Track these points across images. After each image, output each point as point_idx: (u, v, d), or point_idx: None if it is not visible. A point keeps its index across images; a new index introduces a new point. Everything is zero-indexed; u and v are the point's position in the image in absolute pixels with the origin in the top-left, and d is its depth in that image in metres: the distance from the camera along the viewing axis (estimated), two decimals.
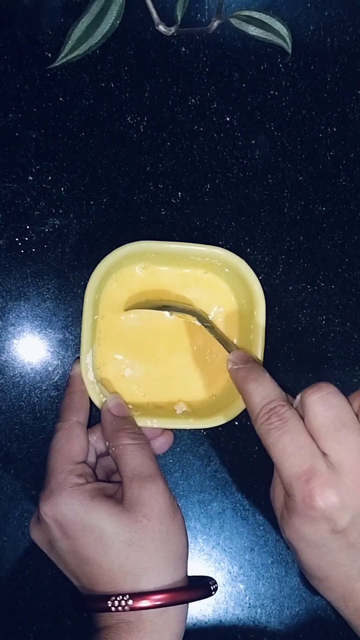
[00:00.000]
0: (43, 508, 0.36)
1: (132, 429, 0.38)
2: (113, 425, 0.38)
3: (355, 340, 0.46)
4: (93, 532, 0.35)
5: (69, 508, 0.35)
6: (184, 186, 0.45)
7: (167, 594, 0.35)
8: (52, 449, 0.38)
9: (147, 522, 0.35)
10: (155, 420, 0.40)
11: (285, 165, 0.45)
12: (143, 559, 0.35)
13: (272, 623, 0.45)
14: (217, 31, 0.43)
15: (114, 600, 0.34)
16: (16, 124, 0.44)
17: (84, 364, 0.40)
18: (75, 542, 0.35)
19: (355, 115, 0.46)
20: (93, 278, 0.40)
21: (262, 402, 0.35)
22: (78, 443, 0.38)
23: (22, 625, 0.44)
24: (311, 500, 0.32)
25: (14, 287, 0.44)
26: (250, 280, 0.41)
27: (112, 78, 0.44)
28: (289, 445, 0.33)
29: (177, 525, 0.37)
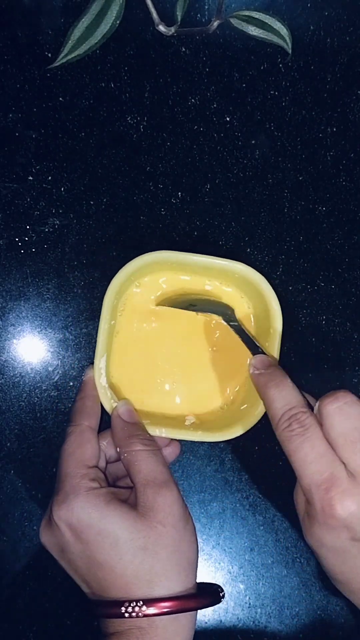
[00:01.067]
0: (57, 512, 0.36)
1: (144, 435, 0.38)
2: (125, 431, 0.38)
3: (355, 340, 0.46)
4: (108, 537, 0.35)
5: (84, 512, 0.35)
6: (184, 186, 0.45)
7: (180, 600, 0.35)
8: (65, 453, 0.38)
9: (162, 528, 0.35)
10: (164, 429, 0.40)
11: (285, 165, 0.45)
12: (157, 565, 0.35)
13: (272, 623, 0.45)
14: (217, 31, 0.43)
15: (128, 606, 0.34)
16: (16, 124, 0.44)
17: (97, 368, 0.40)
18: (89, 546, 0.35)
19: (355, 115, 0.46)
20: (113, 283, 0.40)
21: (284, 408, 0.35)
22: (90, 447, 0.38)
23: (22, 625, 0.44)
24: (331, 509, 0.32)
25: (14, 287, 0.44)
26: (269, 298, 0.41)
27: (112, 78, 0.44)
28: (310, 452, 0.33)
29: (190, 532, 0.37)
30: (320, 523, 0.33)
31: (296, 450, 0.33)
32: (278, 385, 0.36)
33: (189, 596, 0.35)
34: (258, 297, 0.42)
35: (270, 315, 0.41)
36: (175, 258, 0.40)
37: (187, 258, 0.40)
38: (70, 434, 0.39)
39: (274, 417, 0.35)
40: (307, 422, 0.34)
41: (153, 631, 0.34)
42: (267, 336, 0.41)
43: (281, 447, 0.35)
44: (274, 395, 0.35)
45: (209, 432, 0.40)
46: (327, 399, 0.34)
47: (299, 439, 0.33)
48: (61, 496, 0.36)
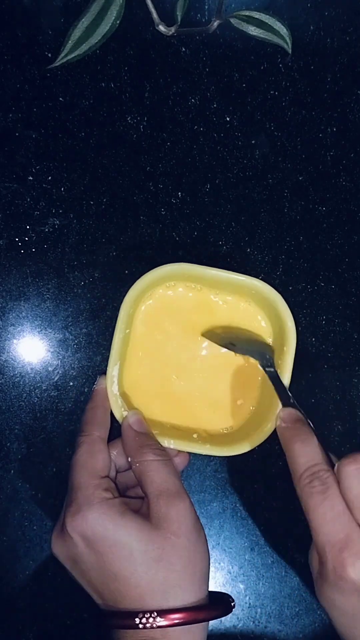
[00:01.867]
0: (71, 523, 0.35)
1: (156, 445, 0.38)
2: (136, 441, 0.38)
3: (355, 340, 0.46)
4: (123, 549, 0.35)
5: (99, 523, 0.35)
6: (184, 186, 0.45)
7: (194, 611, 0.35)
8: (76, 463, 0.38)
9: (176, 539, 0.35)
10: (172, 441, 0.40)
11: (285, 165, 0.45)
12: (171, 576, 0.35)
13: (272, 623, 0.45)
14: (217, 31, 0.43)
15: (142, 617, 0.34)
16: (16, 124, 0.44)
17: (110, 376, 0.40)
18: (103, 558, 0.35)
19: (355, 115, 0.46)
20: (131, 292, 0.40)
21: (306, 464, 0.35)
22: (101, 457, 0.38)
23: (22, 625, 0.44)
24: (342, 570, 0.32)
25: (14, 287, 0.44)
26: (284, 316, 0.41)
27: (112, 78, 0.44)
28: (329, 511, 0.33)
29: (202, 542, 0.37)
30: (331, 584, 0.33)
31: (315, 508, 0.33)
32: (304, 441, 0.36)
33: (202, 607, 0.35)
34: (273, 313, 0.42)
35: (285, 333, 0.41)
36: (194, 271, 0.40)
37: (205, 272, 0.40)
38: (81, 444, 0.38)
39: (296, 472, 0.35)
40: (328, 481, 0.34)
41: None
42: (280, 354, 0.41)
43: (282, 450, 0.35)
44: (298, 451, 0.35)
45: (216, 447, 0.40)
46: (346, 459, 0.34)
47: (319, 497, 0.33)
48: (74, 507, 0.36)
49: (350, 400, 0.46)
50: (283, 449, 0.37)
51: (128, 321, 0.40)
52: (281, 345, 0.41)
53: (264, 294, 0.41)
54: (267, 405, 0.41)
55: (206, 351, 0.43)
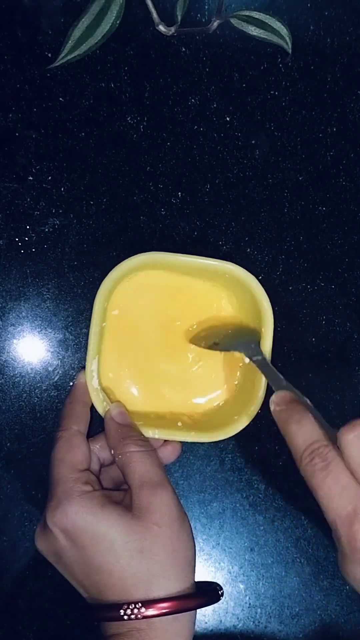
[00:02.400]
0: (52, 518, 0.35)
1: (137, 437, 0.38)
2: (118, 433, 0.38)
3: (355, 340, 0.46)
4: (104, 541, 0.35)
5: (79, 517, 0.35)
6: (184, 186, 0.45)
7: (179, 600, 0.34)
8: (55, 458, 0.38)
9: (158, 529, 0.35)
10: (157, 431, 0.40)
11: (285, 165, 0.45)
12: (154, 566, 0.35)
13: (272, 623, 0.45)
14: (217, 31, 0.43)
15: (126, 608, 0.34)
16: (16, 124, 0.44)
17: (89, 371, 0.40)
18: (84, 551, 0.35)
19: (355, 115, 0.46)
20: (104, 286, 0.40)
21: (304, 443, 0.34)
22: (80, 451, 0.38)
23: (22, 625, 0.44)
24: (356, 543, 0.31)
25: (14, 287, 0.44)
26: (259, 298, 0.40)
27: (112, 78, 0.44)
28: (333, 486, 0.32)
29: (186, 531, 0.37)
30: (348, 558, 0.32)
31: (320, 485, 0.32)
32: (299, 422, 0.35)
33: (187, 596, 0.35)
34: (251, 300, 0.42)
35: (262, 315, 0.41)
36: (164, 259, 0.40)
37: (177, 259, 0.40)
38: (59, 439, 0.38)
39: (296, 453, 0.34)
40: (329, 456, 0.33)
41: (153, 632, 0.34)
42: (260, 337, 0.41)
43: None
44: (295, 432, 0.34)
45: (202, 433, 0.40)
46: (345, 428, 0.33)
47: (321, 474, 0.32)
48: (54, 502, 0.36)
49: (350, 400, 0.46)
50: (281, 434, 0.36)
51: (103, 314, 0.40)
52: (259, 328, 0.41)
53: (238, 278, 0.41)
54: (250, 387, 0.41)
55: (185, 338, 0.43)
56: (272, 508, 0.45)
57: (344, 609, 0.45)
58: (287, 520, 0.45)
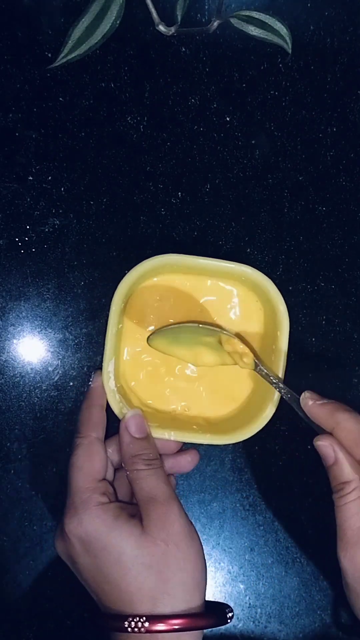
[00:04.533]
0: (68, 525, 0.36)
1: (147, 454, 0.38)
2: (130, 449, 0.39)
3: (355, 340, 0.46)
4: (113, 552, 0.35)
5: (92, 527, 0.36)
6: (184, 186, 0.45)
7: (183, 619, 0.35)
8: (74, 466, 0.38)
9: (165, 546, 0.36)
10: (172, 433, 0.40)
11: (285, 165, 0.45)
12: (160, 583, 0.35)
13: (272, 623, 0.45)
14: (217, 31, 0.43)
15: (131, 621, 0.34)
16: (16, 124, 0.44)
17: (106, 372, 0.40)
18: (96, 559, 0.36)
19: (355, 115, 0.46)
20: (121, 287, 0.39)
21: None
22: (99, 460, 0.39)
23: (22, 625, 0.44)
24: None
25: (14, 287, 0.44)
26: (275, 301, 0.40)
27: (112, 78, 0.44)
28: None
29: (194, 551, 0.37)
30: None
31: None
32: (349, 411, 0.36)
33: (192, 615, 0.36)
34: (264, 299, 0.42)
35: (278, 318, 0.41)
36: (182, 261, 0.40)
37: (194, 261, 0.40)
38: (78, 447, 0.39)
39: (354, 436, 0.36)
40: None
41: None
42: (274, 339, 0.41)
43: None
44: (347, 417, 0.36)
45: (217, 435, 0.40)
46: None
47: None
48: (72, 510, 0.37)
49: (350, 400, 0.46)
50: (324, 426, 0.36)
51: (120, 316, 0.40)
52: (274, 331, 0.41)
53: (254, 280, 0.41)
54: (264, 391, 0.41)
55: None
56: (272, 508, 0.45)
57: (343, 608, 0.45)
58: (287, 520, 0.45)
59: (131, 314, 0.42)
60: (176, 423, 0.42)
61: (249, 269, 0.40)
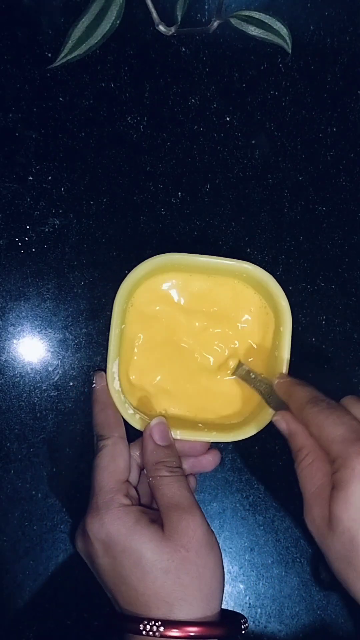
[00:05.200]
0: (90, 524, 0.37)
1: (170, 462, 0.39)
2: (153, 456, 0.39)
3: (355, 340, 0.46)
4: (132, 555, 0.35)
5: (114, 528, 0.36)
6: (184, 186, 0.45)
7: (199, 627, 0.35)
8: (98, 467, 0.39)
9: (185, 552, 0.36)
10: (179, 432, 0.40)
11: (285, 165, 0.45)
12: (178, 589, 0.35)
13: (272, 623, 0.45)
14: (217, 31, 0.43)
15: (146, 624, 0.34)
16: (16, 124, 0.44)
17: (110, 373, 0.40)
18: (115, 561, 0.36)
19: (355, 115, 0.46)
20: (123, 287, 0.40)
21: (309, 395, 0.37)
22: (122, 460, 0.39)
23: (22, 625, 0.44)
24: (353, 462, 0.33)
25: (14, 287, 0.44)
26: (277, 296, 0.41)
27: (112, 78, 0.44)
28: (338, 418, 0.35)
29: (214, 560, 0.37)
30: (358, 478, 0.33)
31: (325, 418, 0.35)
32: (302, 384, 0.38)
33: (208, 623, 0.36)
34: (266, 295, 0.42)
35: (280, 314, 0.41)
36: (183, 260, 0.40)
37: (194, 259, 0.40)
38: (103, 448, 0.39)
39: (300, 404, 0.37)
40: (332, 402, 0.37)
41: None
42: (277, 335, 0.41)
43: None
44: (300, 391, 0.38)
45: (223, 433, 0.41)
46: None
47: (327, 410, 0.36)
48: (94, 510, 0.37)
49: None
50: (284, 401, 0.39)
51: (122, 316, 0.40)
52: (277, 327, 0.41)
53: (255, 277, 0.41)
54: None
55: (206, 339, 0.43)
56: (272, 508, 0.45)
57: (344, 609, 0.45)
58: (287, 520, 0.45)
59: (134, 314, 0.42)
60: (182, 422, 0.42)
61: (250, 265, 0.41)
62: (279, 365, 0.40)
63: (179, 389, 0.43)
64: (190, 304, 0.43)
